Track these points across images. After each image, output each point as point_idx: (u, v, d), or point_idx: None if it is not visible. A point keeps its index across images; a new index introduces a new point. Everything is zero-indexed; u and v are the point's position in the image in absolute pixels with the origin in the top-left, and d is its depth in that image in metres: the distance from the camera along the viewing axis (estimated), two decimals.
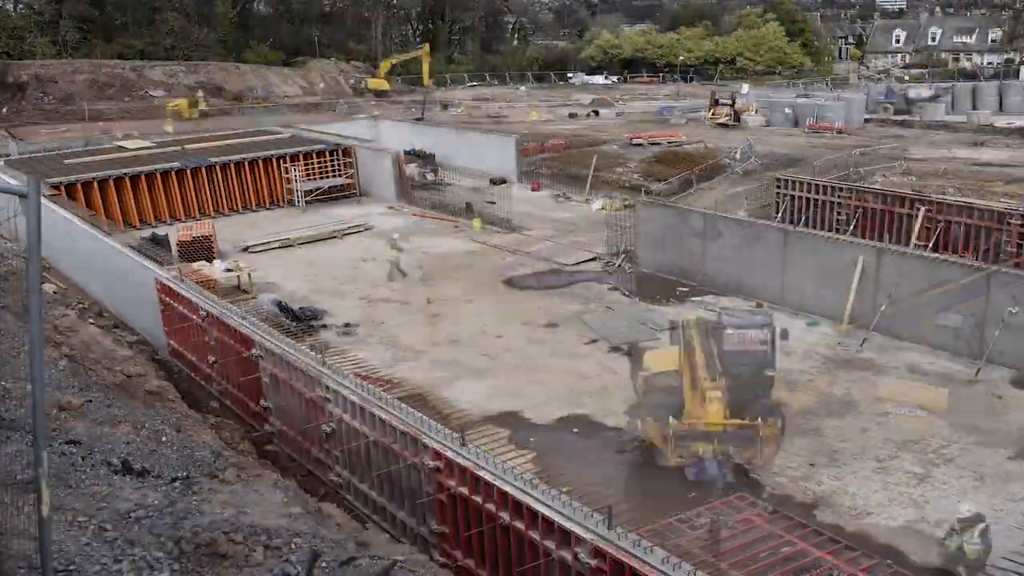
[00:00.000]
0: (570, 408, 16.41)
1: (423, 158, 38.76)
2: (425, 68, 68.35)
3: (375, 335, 20.61)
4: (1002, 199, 26.72)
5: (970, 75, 76.34)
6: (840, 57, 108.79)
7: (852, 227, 25.52)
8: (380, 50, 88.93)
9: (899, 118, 51.66)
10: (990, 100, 56.72)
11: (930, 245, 22.87)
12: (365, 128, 45.68)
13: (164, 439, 10.53)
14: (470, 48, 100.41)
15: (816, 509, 13.10)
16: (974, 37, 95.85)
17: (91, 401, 10.91)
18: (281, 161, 36.52)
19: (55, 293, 20.61)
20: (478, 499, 10.59)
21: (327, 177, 37.43)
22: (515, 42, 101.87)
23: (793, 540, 11.09)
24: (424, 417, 11.97)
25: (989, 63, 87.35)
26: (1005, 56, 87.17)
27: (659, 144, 41.98)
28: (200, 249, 26.11)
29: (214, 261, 25.26)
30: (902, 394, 16.45)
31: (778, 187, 29.16)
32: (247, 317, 16.09)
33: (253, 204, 35.79)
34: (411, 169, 37.05)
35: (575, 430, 15.60)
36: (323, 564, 6.30)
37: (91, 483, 7.04)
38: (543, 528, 9.66)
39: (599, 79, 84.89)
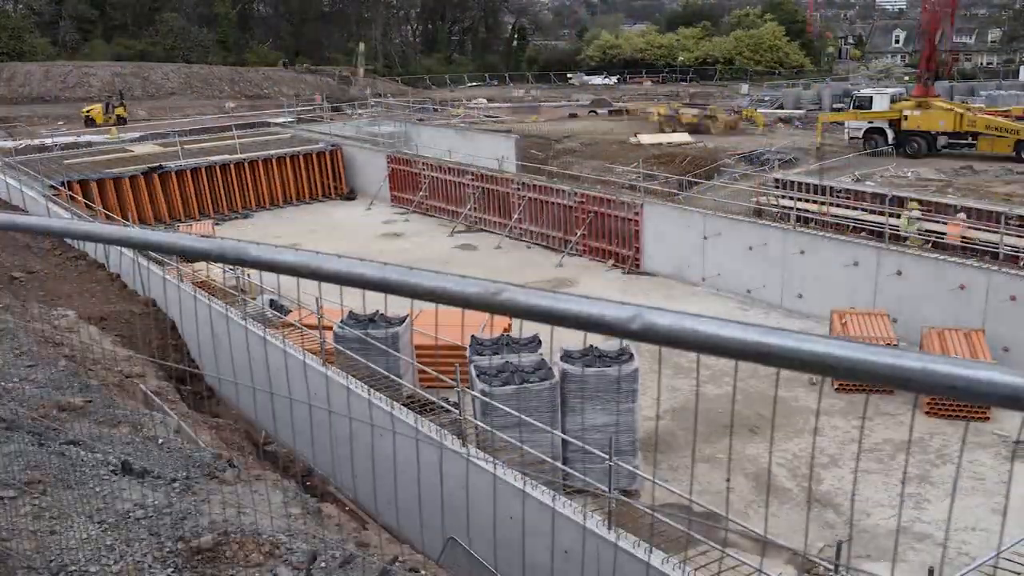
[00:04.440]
0: None
1: None
2: None
3: None
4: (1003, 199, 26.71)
5: (969, 75, 76.34)
6: (840, 57, 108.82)
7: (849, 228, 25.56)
8: (380, 50, 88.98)
9: None
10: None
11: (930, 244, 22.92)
12: (366, 128, 45.73)
13: (164, 439, 10.54)
14: (470, 48, 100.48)
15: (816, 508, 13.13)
16: (974, 37, 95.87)
17: (91, 401, 10.91)
18: (281, 161, 36.59)
19: None
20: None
21: (326, 177, 37.50)
22: (515, 42, 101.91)
23: None
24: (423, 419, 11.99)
25: (989, 63, 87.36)
26: (1005, 56, 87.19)
27: (660, 144, 41.98)
28: None
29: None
30: None
31: (776, 187, 29.20)
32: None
33: (253, 204, 35.86)
34: None
35: None
36: (323, 564, 6.31)
37: (91, 483, 7.04)
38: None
39: (599, 79, 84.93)
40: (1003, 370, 1.13)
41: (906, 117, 34.33)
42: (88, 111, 49.98)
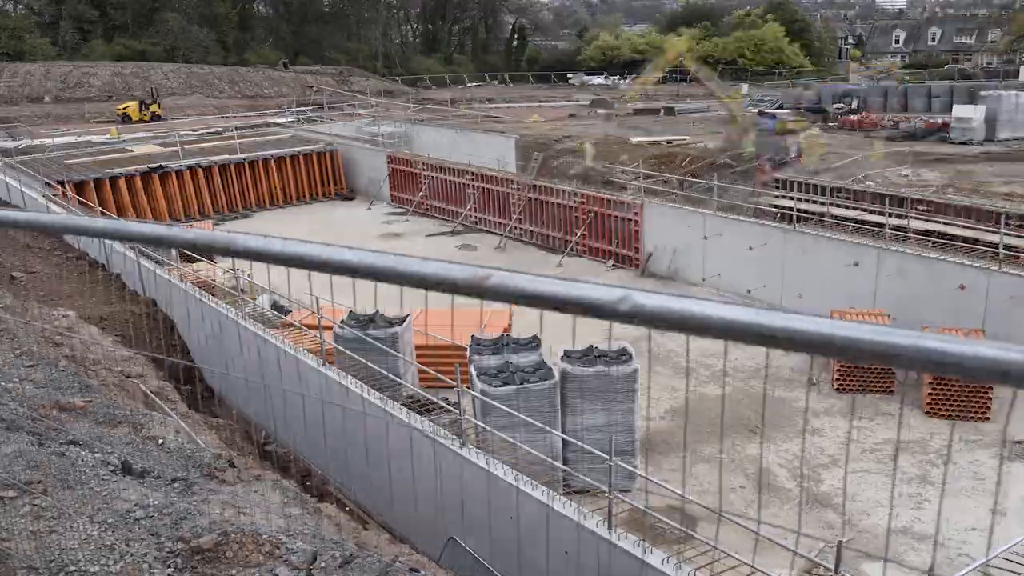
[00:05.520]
0: None
1: None
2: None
3: None
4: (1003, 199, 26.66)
5: (968, 76, 76.29)
6: (840, 57, 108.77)
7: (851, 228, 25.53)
8: (380, 50, 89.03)
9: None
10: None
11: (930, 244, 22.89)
12: (366, 128, 45.73)
13: (164, 440, 10.53)
14: (470, 48, 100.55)
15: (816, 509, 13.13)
16: (974, 38, 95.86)
17: (91, 401, 10.91)
18: (281, 161, 36.59)
19: None
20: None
21: (326, 177, 37.49)
22: (515, 43, 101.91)
23: None
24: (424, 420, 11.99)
25: (989, 63, 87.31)
26: (1005, 56, 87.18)
27: (660, 144, 41.96)
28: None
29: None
30: None
31: (776, 187, 29.19)
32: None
33: (253, 204, 35.87)
34: None
35: None
36: (323, 564, 6.31)
37: (91, 483, 7.04)
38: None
39: (598, 79, 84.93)
40: (992, 344, 1.12)
41: None
42: (124, 108, 51.08)
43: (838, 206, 26.63)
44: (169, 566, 5.91)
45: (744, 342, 1.26)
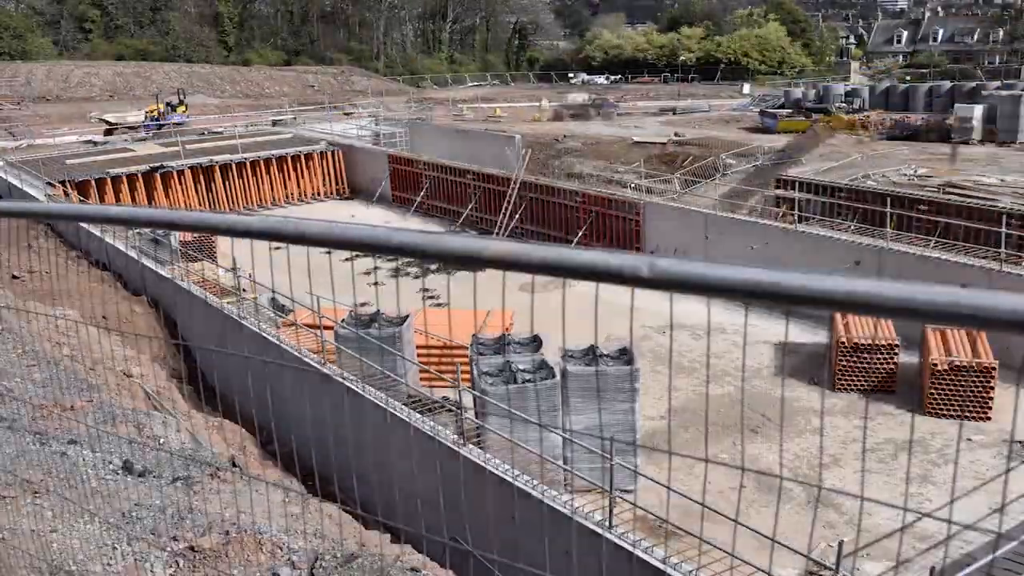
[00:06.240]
0: None
1: None
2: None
3: None
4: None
5: (969, 75, 76.25)
6: (842, 57, 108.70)
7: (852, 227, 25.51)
8: (381, 50, 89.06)
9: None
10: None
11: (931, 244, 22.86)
12: (366, 128, 45.73)
13: (165, 439, 10.55)
14: (471, 48, 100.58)
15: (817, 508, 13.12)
16: (975, 37, 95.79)
17: (91, 401, 10.92)
18: (282, 161, 36.62)
19: None
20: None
21: (327, 176, 37.51)
22: (516, 42, 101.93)
23: None
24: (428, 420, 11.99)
25: (990, 62, 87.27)
26: (1007, 56, 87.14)
27: (662, 144, 41.95)
28: (200, 249, 26.14)
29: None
30: None
31: (778, 186, 29.18)
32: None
33: (255, 204, 35.90)
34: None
35: None
36: (323, 564, 6.31)
37: (92, 483, 7.05)
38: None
39: (600, 79, 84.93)
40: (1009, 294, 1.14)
41: None
42: (151, 111, 49.19)
43: (840, 205, 26.62)
44: (171, 566, 5.92)
45: (766, 300, 1.28)
